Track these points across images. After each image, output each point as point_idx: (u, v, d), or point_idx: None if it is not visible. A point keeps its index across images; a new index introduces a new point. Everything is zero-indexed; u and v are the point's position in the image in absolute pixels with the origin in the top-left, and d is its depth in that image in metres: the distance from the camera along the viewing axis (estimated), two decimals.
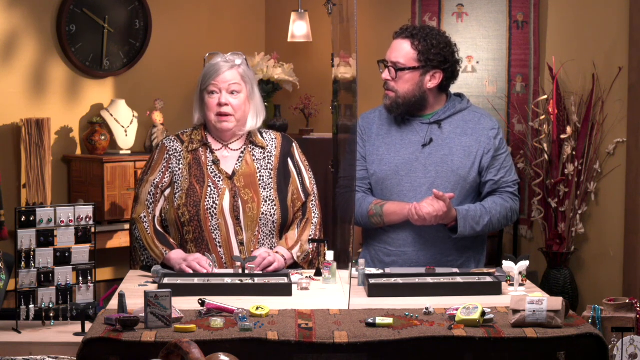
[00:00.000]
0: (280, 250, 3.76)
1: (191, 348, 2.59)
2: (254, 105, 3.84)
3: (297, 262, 3.79)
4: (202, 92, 3.81)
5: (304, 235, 3.81)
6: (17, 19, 4.99)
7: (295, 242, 3.79)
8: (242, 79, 3.80)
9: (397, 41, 3.87)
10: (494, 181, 3.88)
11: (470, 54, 5.26)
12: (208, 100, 3.78)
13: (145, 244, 3.74)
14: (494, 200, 3.86)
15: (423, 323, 2.94)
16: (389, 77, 3.86)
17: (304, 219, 3.84)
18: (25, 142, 4.86)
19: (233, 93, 3.78)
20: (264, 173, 3.81)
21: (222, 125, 3.78)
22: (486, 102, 5.23)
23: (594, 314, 3.30)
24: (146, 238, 3.73)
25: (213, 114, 3.78)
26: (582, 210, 5.08)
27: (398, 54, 3.84)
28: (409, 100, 3.85)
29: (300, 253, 3.78)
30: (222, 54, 3.83)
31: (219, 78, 3.77)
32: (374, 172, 3.91)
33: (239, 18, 5.92)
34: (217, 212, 3.72)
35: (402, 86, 3.84)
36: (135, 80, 5.43)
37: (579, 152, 5.05)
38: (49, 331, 3.39)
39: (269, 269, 3.66)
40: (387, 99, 3.88)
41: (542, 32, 5.21)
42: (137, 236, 3.77)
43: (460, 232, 3.78)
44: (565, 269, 5.06)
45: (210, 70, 3.79)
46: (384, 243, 3.91)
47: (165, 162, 3.80)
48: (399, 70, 3.83)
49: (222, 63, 3.79)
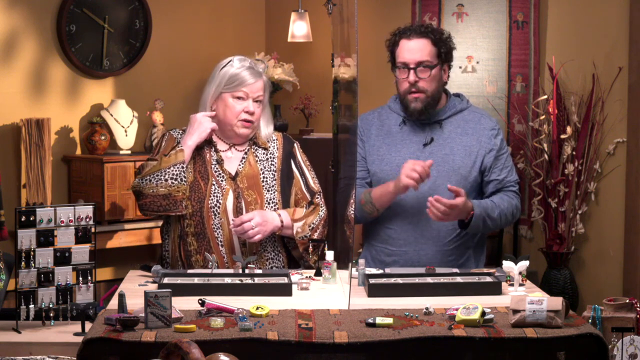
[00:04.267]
0: (281, 213, 3.75)
1: (191, 348, 2.60)
2: (266, 114, 3.88)
3: (294, 237, 3.77)
4: (222, 93, 3.80)
5: (309, 219, 3.80)
6: (17, 19, 4.99)
7: (300, 218, 3.78)
8: (264, 89, 3.82)
9: (417, 41, 3.86)
10: (497, 181, 3.90)
11: (470, 54, 5.26)
12: (233, 104, 3.78)
13: (158, 169, 3.69)
14: (501, 197, 3.88)
15: (423, 323, 2.94)
16: (423, 76, 3.83)
17: (312, 204, 3.84)
18: (25, 142, 4.86)
19: (257, 102, 3.79)
20: (267, 175, 3.82)
21: (243, 131, 3.80)
22: (486, 102, 5.23)
23: (594, 314, 3.30)
24: (159, 164, 3.71)
25: (236, 118, 3.78)
26: (582, 210, 5.08)
27: (423, 53, 3.84)
28: (436, 98, 3.88)
29: (301, 230, 3.78)
30: (246, 58, 3.83)
31: (251, 86, 3.78)
32: (375, 171, 3.92)
33: (239, 18, 5.92)
34: (220, 211, 3.73)
35: (431, 85, 3.85)
36: (135, 80, 5.43)
37: (579, 152, 5.05)
38: (49, 331, 3.39)
39: (244, 235, 3.65)
40: (417, 102, 3.85)
41: (542, 32, 5.21)
42: (149, 179, 3.70)
43: (473, 222, 3.75)
44: (565, 269, 5.06)
45: (242, 76, 3.78)
46: (385, 243, 3.91)
47: (173, 150, 3.78)
48: (432, 69, 3.84)
49: (252, 70, 3.80)
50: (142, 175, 3.75)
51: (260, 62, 3.87)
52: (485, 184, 3.92)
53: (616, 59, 5.04)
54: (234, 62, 3.81)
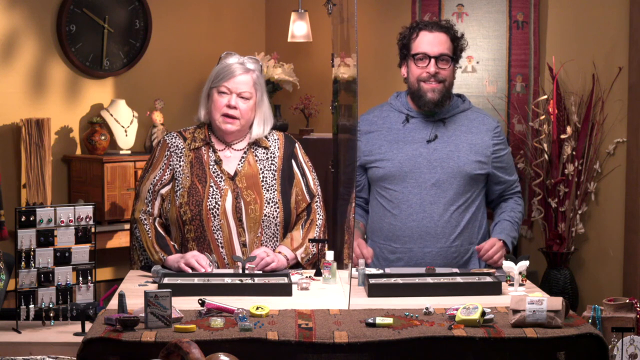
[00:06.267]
0: (282, 250, 3.75)
1: (191, 348, 2.60)
2: (261, 113, 3.83)
3: (300, 263, 3.79)
4: (211, 89, 3.80)
5: (309, 237, 3.81)
6: (17, 19, 4.99)
7: (300, 244, 3.79)
8: (254, 85, 3.79)
9: (438, 34, 3.90)
10: (502, 183, 3.97)
11: (470, 54, 5.26)
12: (217, 98, 3.78)
13: (145, 246, 3.75)
14: (512, 208, 3.98)
15: (423, 323, 2.94)
16: (444, 67, 3.88)
17: (309, 219, 3.84)
18: (25, 142, 4.86)
19: (243, 98, 3.78)
20: (267, 174, 3.81)
21: (226, 126, 3.78)
22: (486, 102, 5.23)
23: (594, 314, 3.30)
24: (146, 241, 3.74)
25: (219, 113, 3.77)
26: (582, 210, 5.08)
27: (442, 47, 3.89)
28: (449, 93, 3.94)
29: (305, 255, 3.78)
30: (238, 55, 3.83)
31: (232, 80, 3.76)
32: (377, 169, 3.92)
33: (239, 18, 5.92)
34: (220, 212, 3.72)
35: (449, 76, 3.91)
36: (135, 80, 5.43)
37: (579, 152, 5.05)
38: (49, 331, 3.39)
39: (267, 268, 3.66)
40: (434, 92, 3.88)
41: (542, 32, 5.21)
42: (138, 236, 3.78)
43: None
44: (565, 269, 5.06)
45: (225, 71, 3.78)
46: (389, 240, 3.91)
47: (165, 159, 3.80)
48: (451, 62, 3.91)
49: (237, 65, 3.78)
50: (137, 227, 3.78)
51: (254, 60, 3.84)
52: (490, 185, 3.96)
53: (616, 59, 5.04)
54: (224, 58, 3.82)
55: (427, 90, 3.87)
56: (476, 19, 5.29)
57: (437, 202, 3.85)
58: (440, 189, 3.84)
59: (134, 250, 3.82)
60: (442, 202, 3.86)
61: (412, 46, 3.91)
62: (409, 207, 3.87)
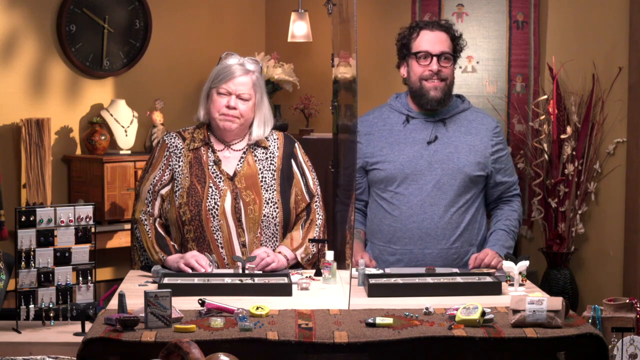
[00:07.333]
0: (282, 250, 3.75)
1: (191, 348, 2.60)
2: (261, 114, 3.83)
3: (300, 263, 3.79)
4: (211, 89, 3.81)
5: (309, 236, 3.81)
6: (17, 19, 4.99)
7: (300, 244, 3.79)
8: (253, 86, 3.80)
9: (439, 33, 3.92)
10: (501, 184, 3.97)
11: (470, 54, 5.26)
12: (216, 99, 3.78)
13: (145, 246, 3.75)
14: (508, 214, 3.96)
15: (423, 323, 2.94)
16: (445, 65, 3.89)
17: (308, 219, 3.84)
18: (25, 142, 4.86)
19: (242, 99, 3.78)
20: (266, 174, 3.81)
21: (225, 124, 3.78)
22: (486, 102, 5.23)
23: (594, 314, 3.30)
24: (146, 241, 3.74)
25: (218, 113, 3.78)
26: (582, 210, 5.08)
27: (443, 45, 3.90)
28: (451, 91, 3.95)
29: (304, 255, 3.78)
30: (239, 56, 3.83)
31: (231, 82, 3.77)
32: (378, 171, 3.92)
33: (239, 18, 5.92)
34: (219, 213, 3.72)
35: (451, 75, 3.92)
36: (135, 80, 5.43)
37: (579, 152, 5.05)
38: (49, 331, 3.39)
39: (267, 268, 3.66)
40: (437, 90, 3.89)
41: (542, 32, 5.21)
42: (138, 236, 3.78)
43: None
44: (565, 269, 5.06)
45: (225, 72, 3.78)
46: (389, 242, 3.91)
47: (165, 159, 3.81)
48: (452, 61, 3.92)
49: (237, 66, 3.78)
50: (138, 227, 3.79)
51: (254, 61, 3.84)
52: (489, 187, 3.95)
53: (616, 59, 5.04)
54: (224, 58, 3.82)
55: (429, 89, 3.88)
56: (476, 19, 5.29)
57: (437, 203, 3.85)
58: (441, 190, 3.84)
59: (134, 250, 3.83)
60: (442, 204, 3.86)
61: (413, 45, 3.91)
62: (409, 208, 3.87)
